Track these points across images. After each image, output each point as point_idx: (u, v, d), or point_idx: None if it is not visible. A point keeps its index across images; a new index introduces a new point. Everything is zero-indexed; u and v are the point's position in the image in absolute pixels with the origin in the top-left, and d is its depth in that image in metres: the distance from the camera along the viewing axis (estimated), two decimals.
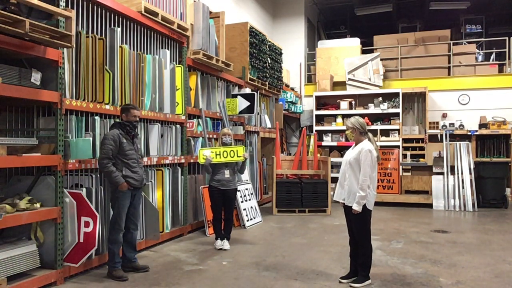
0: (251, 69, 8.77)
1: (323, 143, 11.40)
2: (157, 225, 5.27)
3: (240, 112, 8.00)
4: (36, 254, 4.12)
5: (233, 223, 5.92)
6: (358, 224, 4.29)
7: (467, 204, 8.91)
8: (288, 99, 11.44)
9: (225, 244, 5.70)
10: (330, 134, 11.40)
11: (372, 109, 11.08)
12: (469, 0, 13.27)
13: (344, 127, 11.13)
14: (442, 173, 9.31)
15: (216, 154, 5.67)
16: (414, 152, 10.46)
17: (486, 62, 11.85)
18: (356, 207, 4.17)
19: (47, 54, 4.08)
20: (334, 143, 11.31)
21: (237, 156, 5.70)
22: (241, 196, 7.26)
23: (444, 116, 11.34)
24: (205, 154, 5.67)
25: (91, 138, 4.56)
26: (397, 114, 10.78)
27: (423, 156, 10.09)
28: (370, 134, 4.41)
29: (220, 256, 5.32)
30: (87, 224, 4.32)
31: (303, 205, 8.39)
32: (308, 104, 12.71)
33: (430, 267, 4.89)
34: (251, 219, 7.29)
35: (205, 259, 5.21)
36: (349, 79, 11.54)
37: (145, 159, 5.51)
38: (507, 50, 11.55)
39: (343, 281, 4.37)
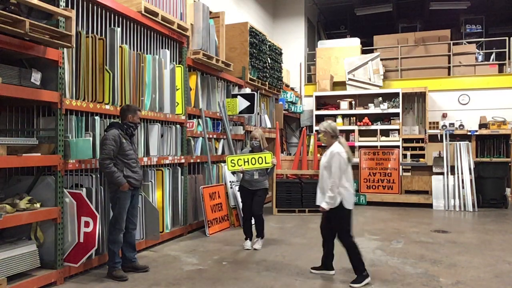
0: (251, 69, 8.77)
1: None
2: (157, 225, 5.27)
3: (240, 112, 8.01)
4: (36, 254, 4.12)
5: (262, 221, 5.78)
6: (337, 223, 4.42)
7: (467, 204, 8.91)
8: (288, 99, 11.44)
9: (257, 244, 5.70)
10: None
11: (372, 109, 11.07)
12: (469, 0, 13.27)
13: (344, 127, 11.15)
14: (442, 173, 9.31)
15: (244, 161, 5.73)
16: (414, 152, 10.44)
17: (486, 62, 11.84)
18: (324, 205, 4.33)
19: (47, 54, 4.08)
20: None
21: (266, 163, 5.70)
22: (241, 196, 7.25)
23: (444, 116, 11.34)
24: (233, 161, 5.76)
25: (91, 138, 4.56)
26: (397, 114, 10.77)
27: (423, 156, 10.09)
28: (341, 138, 4.53)
29: (220, 256, 5.32)
30: (87, 224, 4.32)
31: (303, 205, 8.39)
32: (308, 104, 12.70)
33: (430, 267, 4.89)
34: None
35: (205, 259, 5.21)
36: (349, 79, 11.53)
37: (145, 159, 5.52)
38: (507, 50, 11.55)
39: (313, 271, 4.55)
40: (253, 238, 5.84)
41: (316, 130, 11.30)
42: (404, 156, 10.43)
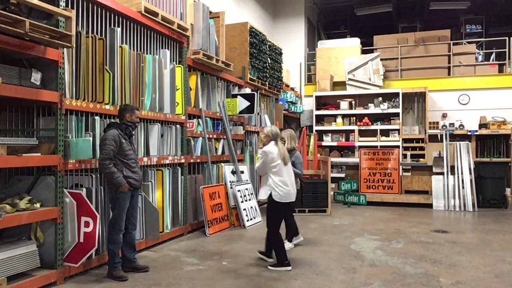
0: (251, 69, 8.77)
1: (323, 143, 11.41)
2: (157, 225, 5.27)
3: (240, 112, 8.00)
4: (36, 254, 4.13)
5: (290, 223, 5.80)
6: (267, 211, 4.98)
7: (467, 204, 8.91)
8: (288, 99, 11.44)
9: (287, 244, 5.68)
10: (330, 134, 11.40)
11: (372, 109, 11.08)
12: (469, 0, 13.27)
13: (344, 127, 11.17)
14: (442, 173, 9.31)
15: None
16: (414, 152, 10.46)
17: (486, 62, 11.84)
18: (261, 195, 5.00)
19: (47, 54, 4.08)
20: (334, 143, 11.31)
21: None
22: (241, 196, 7.26)
23: (444, 116, 11.34)
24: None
25: (91, 138, 4.56)
26: (397, 114, 10.78)
27: (423, 156, 10.09)
28: (279, 142, 5.07)
29: (220, 256, 5.32)
30: (87, 224, 4.32)
31: (303, 205, 8.38)
32: (308, 104, 12.70)
33: (430, 267, 4.89)
34: (251, 219, 7.29)
35: (205, 259, 5.21)
36: (349, 79, 11.54)
37: (145, 159, 5.52)
38: (507, 50, 11.55)
39: (259, 255, 5.13)
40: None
41: (316, 130, 11.33)
42: (404, 156, 10.45)
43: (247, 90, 8.51)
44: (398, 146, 10.46)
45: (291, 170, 5.09)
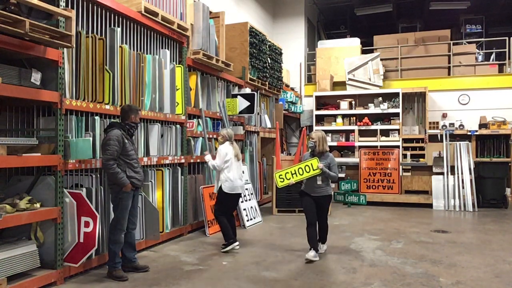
0: (251, 69, 8.77)
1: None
2: (157, 225, 5.26)
3: (240, 112, 8.00)
4: (36, 254, 4.13)
5: (327, 228, 5.60)
6: (216, 199, 5.78)
7: (467, 204, 8.91)
8: (288, 99, 11.44)
9: (320, 247, 5.53)
10: (330, 134, 11.39)
11: (372, 109, 11.07)
12: (469, 0, 13.27)
13: (344, 127, 11.18)
14: (442, 173, 9.31)
15: (292, 174, 5.44)
16: (414, 152, 10.46)
17: (486, 62, 11.84)
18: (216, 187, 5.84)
19: (47, 54, 4.08)
20: (334, 143, 11.30)
21: (313, 170, 5.26)
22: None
23: (444, 116, 11.34)
24: (282, 177, 5.58)
25: (91, 138, 4.56)
26: (397, 114, 10.78)
27: (423, 156, 10.09)
28: (233, 142, 5.88)
29: (220, 256, 5.33)
30: (87, 224, 4.32)
31: None
32: (308, 104, 12.70)
33: (430, 267, 4.89)
34: (251, 219, 7.29)
35: (205, 259, 5.21)
36: (349, 79, 11.54)
37: (145, 159, 5.52)
38: (507, 50, 11.55)
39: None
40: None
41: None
42: (404, 156, 10.44)
43: (247, 90, 8.51)
44: (398, 146, 10.46)
45: (241, 166, 5.85)
